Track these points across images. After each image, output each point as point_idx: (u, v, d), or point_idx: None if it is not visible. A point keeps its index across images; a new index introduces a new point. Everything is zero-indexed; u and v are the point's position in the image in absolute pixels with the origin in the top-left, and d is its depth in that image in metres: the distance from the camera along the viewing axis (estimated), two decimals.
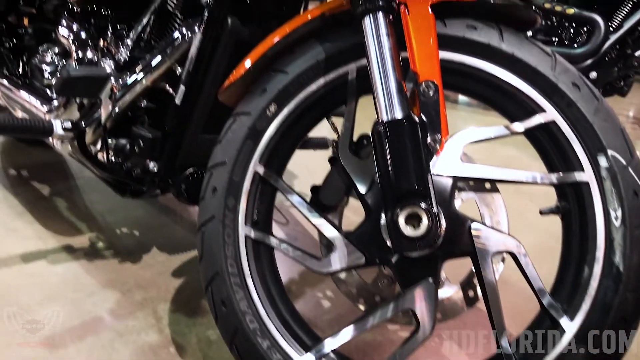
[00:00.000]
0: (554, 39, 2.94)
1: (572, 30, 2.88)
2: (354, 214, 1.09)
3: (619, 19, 2.83)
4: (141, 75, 1.19)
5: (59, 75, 1.15)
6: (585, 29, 2.83)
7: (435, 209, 0.80)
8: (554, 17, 2.93)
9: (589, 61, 2.79)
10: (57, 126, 1.14)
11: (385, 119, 0.80)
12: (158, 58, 1.18)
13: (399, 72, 0.82)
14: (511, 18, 0.90)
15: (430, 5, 0.85)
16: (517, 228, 1.00)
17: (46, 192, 1.87)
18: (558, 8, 2.87)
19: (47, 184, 1.92)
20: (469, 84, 0.90)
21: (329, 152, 1.20)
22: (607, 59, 2.79)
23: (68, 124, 1.16)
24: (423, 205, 0.79)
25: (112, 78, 1.21)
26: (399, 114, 0.80)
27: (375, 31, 0.81)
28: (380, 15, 0.81)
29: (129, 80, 1.20)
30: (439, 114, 0.82)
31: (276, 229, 1.44)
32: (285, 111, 0.93)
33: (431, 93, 0.82)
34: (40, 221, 1.64)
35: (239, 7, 1.15)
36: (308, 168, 1.91)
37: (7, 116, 1.10)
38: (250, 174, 0.93)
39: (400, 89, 0.81)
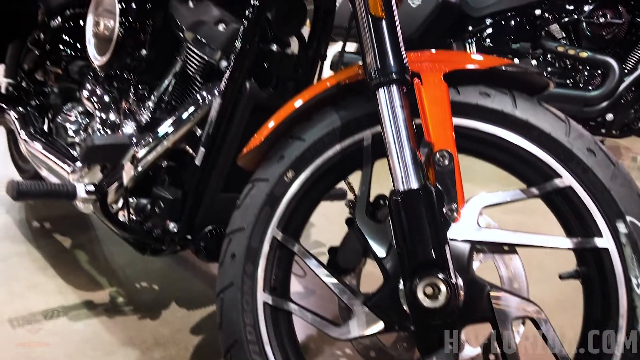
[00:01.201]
0: (568, 81, 2.95)
1: (586, 73, 2.89)
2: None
3: (633, 61, 2.84)
4: (163, 137, 1.22)
5: (83, 144, 1.19)
6: (599, 71, 2.84)
7: (454, 280, 0.80)
8: (567, 60, 2.95)
9: (604, 103, 2.79)
10: (81, 190, 1.17)
11: (401, 188, 0.81)
12: (179, 120, 1.21)
13: (414, 142, 0.83)
14: (524, 84, 0.92)
15: (443, 75, 0.87)
16: (536, 279, 0.99)
17: (68, 244, 1.90)
18: (571, 51, 2.89)
19: (68, 236, 1.95)
20: (484, 149, 0.91)
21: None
22: (623, 101, 2.79)
23: (91, 187, 1.19)
24: (441, 276, 0.79)
25: (134, 143, 1.25)
26: (414, 184, 0.81)
27: (389, 103, 0.83)
28: (394, 87, 0.83)
29: (151, 142, 1.23)
30: (454, 182, 0.83)
31: (294, 282, 1.45)
32: (302, 177, 0.95)
33: (446, 162, 0.83)
34: (61, 275, 1.67)
35: (257, 71, 1.19)
36: (325, 216, 1.92)
37: (33, 182, 1.13)
38: (269, 240, 0.94)
39: (416, 158, 0.82)
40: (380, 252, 0.89)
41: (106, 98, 1.38)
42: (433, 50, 0.93)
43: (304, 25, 1.23)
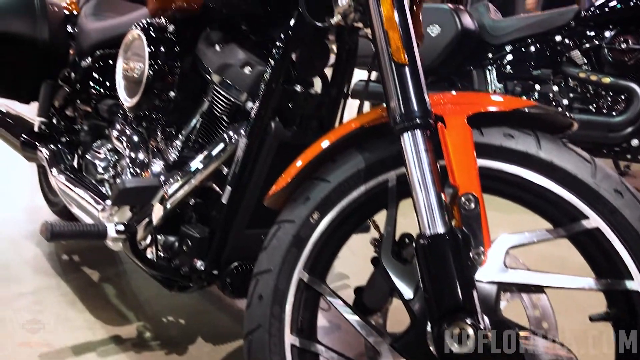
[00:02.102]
0: (591, 107, 2.93)
1: (609, 99, 2.88)
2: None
3: None
4: (190, 176, 1.25)
5: (115, 187, 1.23)
6: (623, 97, 2.82)
7: (482, 324, 0.80)
8: (589, 86, 2.94)
9: (629, 129, 2.77)
10: (111, 230, 1.20)
11: (427, 233, 0.82)
12: (206, 159, 1.24)
13: (439, 185, 0.84)
14: (547, 124, 0.92)
15: (466, 118, 0.88)
16: (563, 309, 0.98)
17: (96, 277, 1.93)
18: (593, 77, 2.88)
19: (96, 269, 1.99)
20: (509, 190, 0.91)
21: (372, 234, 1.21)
22: None
23: (121, 227, 1.22)
24: (469, 321, 0.79)
25: (163, 182, 1.28)
26: (441, 229, 0.81)
27: (414, 148, 0.84)
28: (418, 132, 0.84)
29: (179, 181, 1.26)
30: (480, 226, 0.83)
31: (320, 316, 1.45)
32: (327, 218, 0.96)
33: (472, 205, 0.83)
34: (90, 310, 1.69)
35: (282, 110, 1.21)
36: (348, 247, 1.92)
37: (65, 224, 1.17)
38: (295, 282, 0.95)
39: (441, 202, 0.83)
40: (407, 293, 0.89)
41: (135, 138, 1.42)
42: (454, 92, 0.94)
43: (327, 65, 1.26)
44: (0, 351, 1.45)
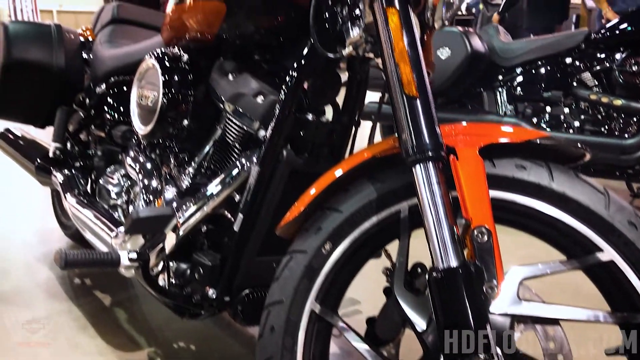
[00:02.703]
0: (603, 129, 2.92)
1: (621, 121, 2.86)
2: None
3: None
4: (203, 203, 1.26)
5: (128, 217, 1.24)
6: (634, 119, 2.81)
7: (495, 358, 0.79)
8: (601, 108, 2.93)
9: None
10: (124, 258, 1.21)
11: (440, 266, 0.82)
12: (219, 187, 1.25)
13: (451, 218, 0.84)
14: (560, 155, 0.92)
15: (478, 149, 0.88)
16: (579, 341, 0.96)
17: (108, 302, 1.94)
18: (605, 99, 2.87)
19: (108, 294, 1.99)
20: (522, 221, 0.91)
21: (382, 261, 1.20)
22: None
23: (134, 255, 1.23)
24: (482, 356, 0.78)
25: (175, 208, 1.29)
26: (454, 262, 0.81)
27: (426, 181, 0.84)
28: (430, 165, 0.85)
29: (192, 209, 1.27)
30: (494, 259, 0.83)
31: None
32: (340, 249, 0.96)
33: (485, 238, 0.83)
34: (102, 335, 1.70)
35: (293, 138, 1.22)
36: (363, 273, 1.91)
37: (79, 252, 1.18)
38: (307, 313, 0.95)
39: (454, 235, 0.82)
40: (420, 325, 0.88)
41: (148, 165, 1.43)
42: (464, 123, 0.94)
43: (338, 94, 1.27)
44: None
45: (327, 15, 1.10)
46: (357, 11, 1.02)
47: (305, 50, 1.14)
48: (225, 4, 1.19)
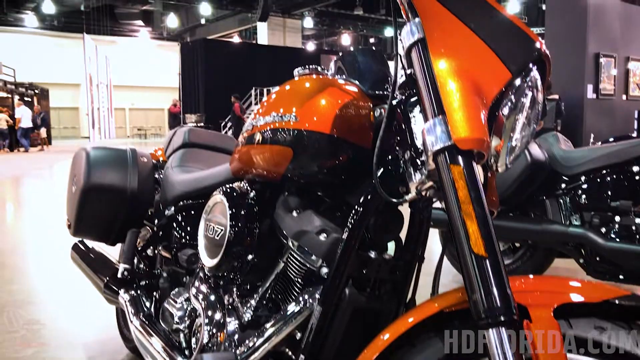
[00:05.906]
0: None
1: None
2: None
3: None
4: (263, 339, 1.25)
5: None
6: None
7: None
8: None
9: None
10: None
11: None
12: (281, 323, 1.25)
13: None
14: None
15: (553, 310, 0.84)
16: None
17: None
18: None
19: None
20: None
21: None
22: None
23: None
24: None
25: (237, 342, 1.28)
26: None
27: (500, 347, 0.81)
28: (503, 330, 0.81)
29: (252, 345, 1.26)
30: None
31: None
32: None
33: None
34: None
35: (356, 276, 1.21)
36: None
37: None
38: None
39: None
40: None
41: (212, 297, 1.46)
42: (531, 276, 0.92)
43: (401, 231, 1.27)
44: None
45: (389, 158, 1.13)
46: (421, 159, 1.04)
47: (369, 193, 1.16)
48: (292, 150, 1.25)
